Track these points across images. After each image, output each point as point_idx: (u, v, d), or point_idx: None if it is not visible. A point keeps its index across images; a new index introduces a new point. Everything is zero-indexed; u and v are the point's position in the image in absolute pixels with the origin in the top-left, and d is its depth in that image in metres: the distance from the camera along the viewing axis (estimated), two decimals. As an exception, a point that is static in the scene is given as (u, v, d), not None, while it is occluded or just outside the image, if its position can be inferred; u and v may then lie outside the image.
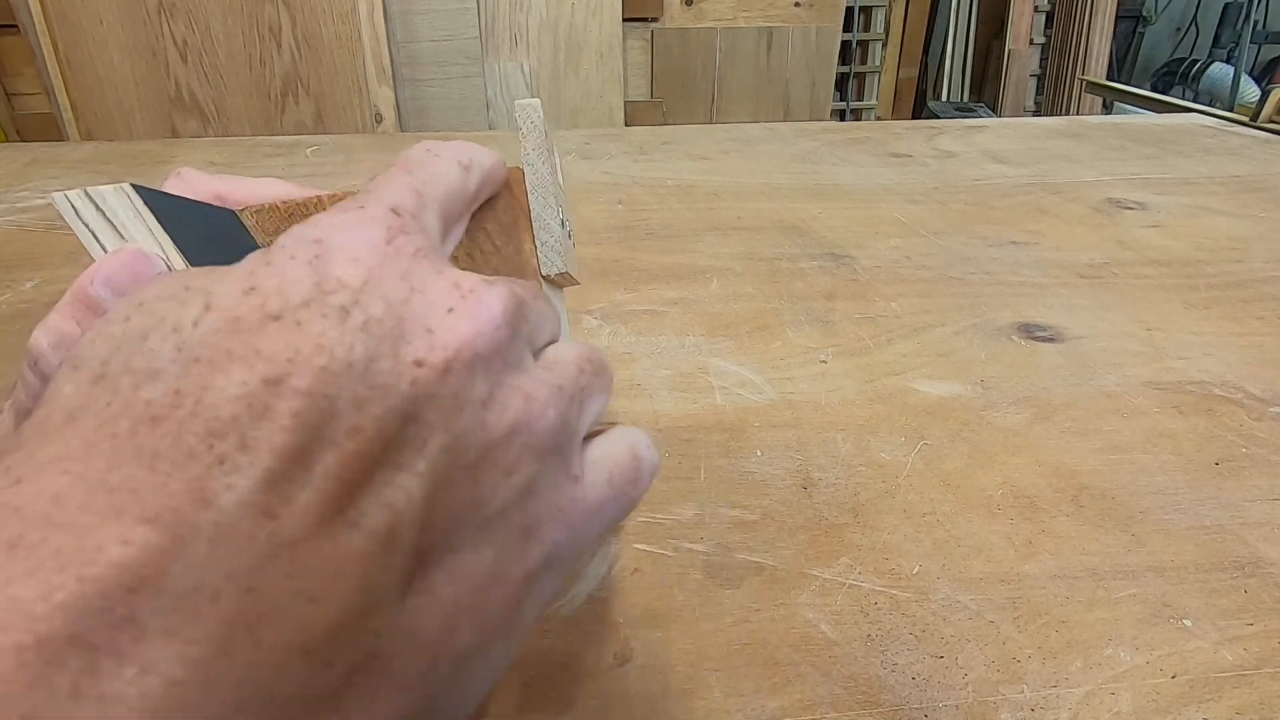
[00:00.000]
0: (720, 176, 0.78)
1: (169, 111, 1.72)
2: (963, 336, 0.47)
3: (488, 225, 0.22)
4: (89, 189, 0.19)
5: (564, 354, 0.18)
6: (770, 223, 0.65)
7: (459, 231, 0.20)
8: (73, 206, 0.19)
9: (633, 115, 2.04)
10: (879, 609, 0.28)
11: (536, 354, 0.18)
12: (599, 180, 0.76)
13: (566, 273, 0.22)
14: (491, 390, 0.15)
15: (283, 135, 1.21)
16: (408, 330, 0.15)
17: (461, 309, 0.15)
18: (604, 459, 0.18)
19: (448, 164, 0.19)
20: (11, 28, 1.66)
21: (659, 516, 0.32)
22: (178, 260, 0.19)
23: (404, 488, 0.14)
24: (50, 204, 0.67)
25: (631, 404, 0.40)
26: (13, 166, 0.78)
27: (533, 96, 1.94)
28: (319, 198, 0.22)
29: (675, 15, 2.00)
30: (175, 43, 1.67)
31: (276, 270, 0.15)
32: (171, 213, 0.20)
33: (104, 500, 0.12)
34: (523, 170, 0.22)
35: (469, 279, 0.16)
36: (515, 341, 0.16)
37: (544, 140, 0.21)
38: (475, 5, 1.80)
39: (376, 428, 0.14)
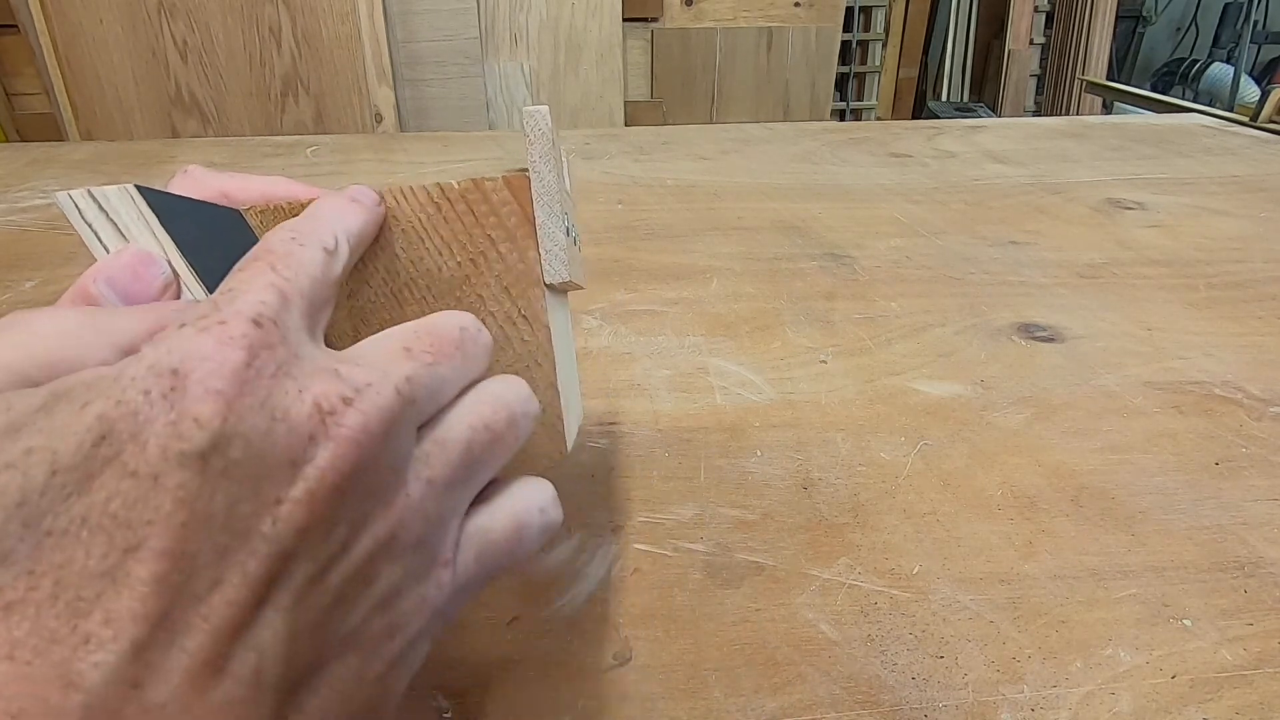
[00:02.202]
0: (720, 176, 0.78)
1: (169, 111, 1.73)
2: (963, 336, 0.47)
3: (492, 233, 0.22)
4: (92, 189, 0.19)
5: (455, 429, 0.18)
6: (770, 223, 0.65)
7: (327, 313, 0.18)
8: (76, 206, 0.19)
9: (633, 115, 2.04)
10: (879, 609, 0.28)
11: (428, 425, 0.17)
12: (599, 180, 0.76)
13: (570, 280, 0.22)
14: (357, 514, 0.15)
15: (283, 135, 1.21)
16: (269, 467, 0.14)
17: (322, 435, 0.15)
18: (478, 534, 0.18)
19: (312, 253, 0.18)
20: (11, 28, 1.66)
21: (659, 516, 0.32)
22: (180, 262, 0.19)
23: (270, 626, 0.14)
24: (51, 204, 0.67)
25: (632, 404, 0.40)
26: (13, 166, 0.78)
27: (532, 96, 1.93)
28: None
29: (675, 15, 2.00)
30: (175, 43, 1.67)
31: (129, 410, 0.13)
32: (175, 214, 0.20)
33: None
34: (528, 178, 0.21)
35: (331, 395, 0.15)
36: (386, 447, 0.16)
37: (551, 147, 0.21)
38: (475, 5, 1.80)
39: (240, 576, 0.14)
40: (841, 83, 2.71)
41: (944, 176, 0.78)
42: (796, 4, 2.05)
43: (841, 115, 2.75)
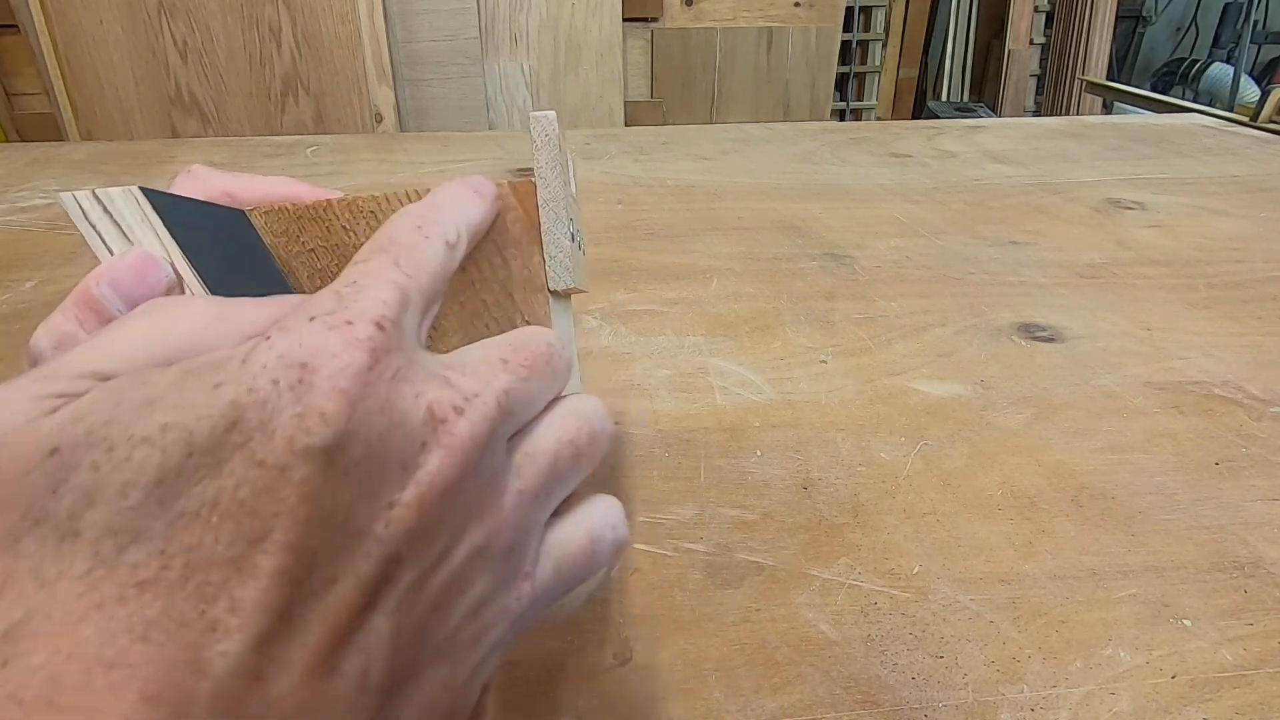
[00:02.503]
0: (720, 176, 0.78)
1: (169, 111, 1.73)
2: (963, 336, 0.47)
3: (496, 238, 0.21)
4: (97, 190, 0.19)
5: (542, 442, 0.18)
6: (770, 223, 0.65)
7: (436, 306, 0.19)
8: (80, 207, 0.19)
9: (633, 115, 2.04)
10: (879, 609, 0.28)
11: (518, 437, 0.18)
12: (599, 180, 0.76)
13: (574, 286, 0.22)
14: (458, 521, 0.16)
15: (283, 135, 1.21)
16: (385, 470, 0.14)
17: (434, 442, 0.15)
18: (557, 547, 0.18)
19: (435, 247, 0.18)
20: (11, 28, 1.66)
21: (659, 516, 0.32)
22: (183, 265, 0.19)
23: (375, 630, 0.14)
24: (51, 204, 0.67)
25: (632, 404, 0.40)
26: (13, 166, 0.78)
27: (532, 96, 1.93)
28: (329, 202, 0.22)
29: (675, 15, 2.00)
30: (175, 43, 1.67)
31: (259, 399, 0.14)
32: (179, 216, 0.20)
33: (102, 678, 0.12)
34: (534, 184, 0.21)
35: (443, 403, 0.15)
36: (486, 457, 0.16)
37: (558, 154, 0.21)
38: (475, 5, 1.79)
39: (353, 576, 0.14)
40: (841, 83, 2.71)
41: (944, 176, 0.78)
42: (796, 4, 2.05)
43: (841, 115, 2.75)
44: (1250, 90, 2.64)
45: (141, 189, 0.19)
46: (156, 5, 1.64)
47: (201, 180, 0.22)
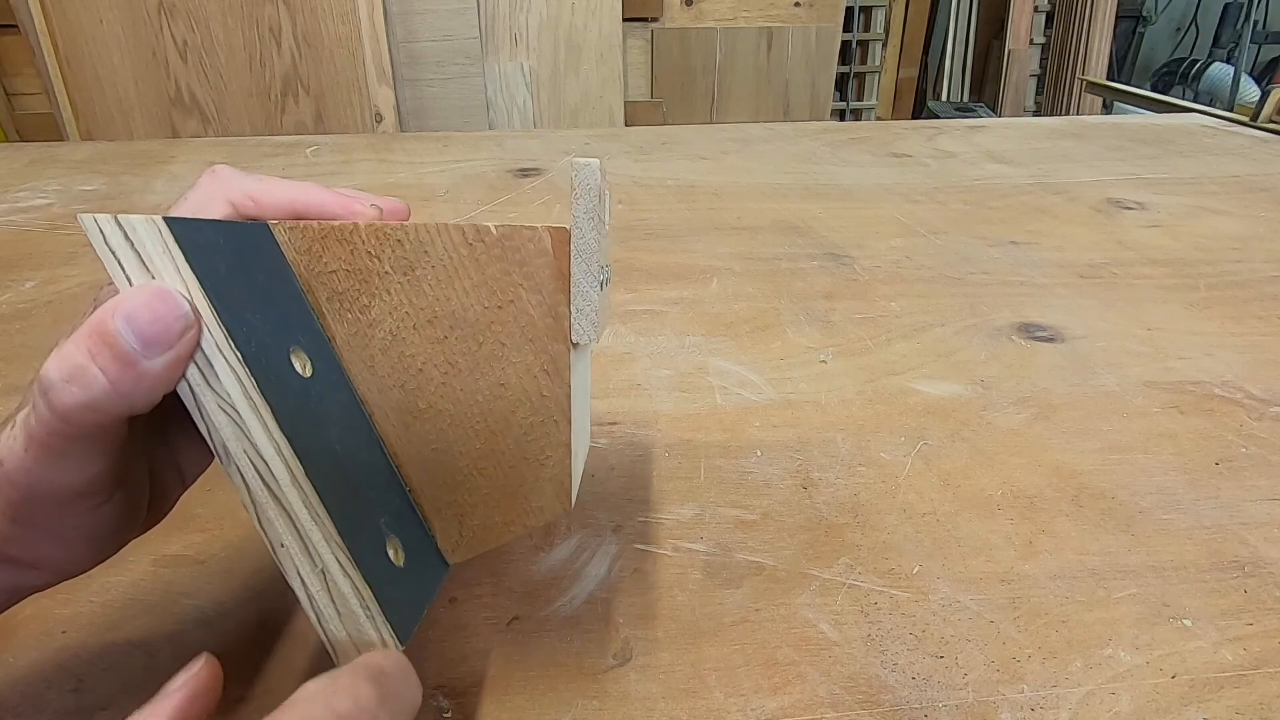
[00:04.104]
0: (720, 176, 0.78)
1: (169, 111, 1.72)
2: (963, 336, 0.47)
3: (523, 283, 0.21)
4: (120, 216, 0.19)
5: None
6: (770, 223, 0.65)
7: None
8: (101, 232, 0.19)
9: (633, 115, 2.04)
10: (879, 609, 0.28)
11: None
12: (599, 180, 0.76)
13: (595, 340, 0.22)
14: None
15: (283, 135, 1.21)
16: None
17: None
18: None
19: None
20: (11, 28, 1.66)
21: (659, 516, 0.32)
22: (202, 301, 0.19)
23: None
24: (51, 204, 0.67)
25: (632, 404, 0.40)
26: (13, 166, 0.78)
27: (532, 96, 1.92)
28: (355, 225, 0.21)
29: (675, 15, 2.00)
30: (175, 43, 1.67)
31: None
32: (200, 246, 0.19)
33: None
34: (569, 233, 0.21)
35: None
36: None
37: (597, 203, 0.21)
38: (475, 5, 1.79)
39: None
40: (841, 83, 2.71)
41: (944, 176, 0.78)
42: (796, 4, 2.05)
43: (841, 115, 2.75)
44: (1250, 90, 2.64)
45: (165, 219, 0.19)
46: (156, 5, 1.64)
47: (225, 181, 0.22)
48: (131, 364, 0.18)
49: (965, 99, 3.04)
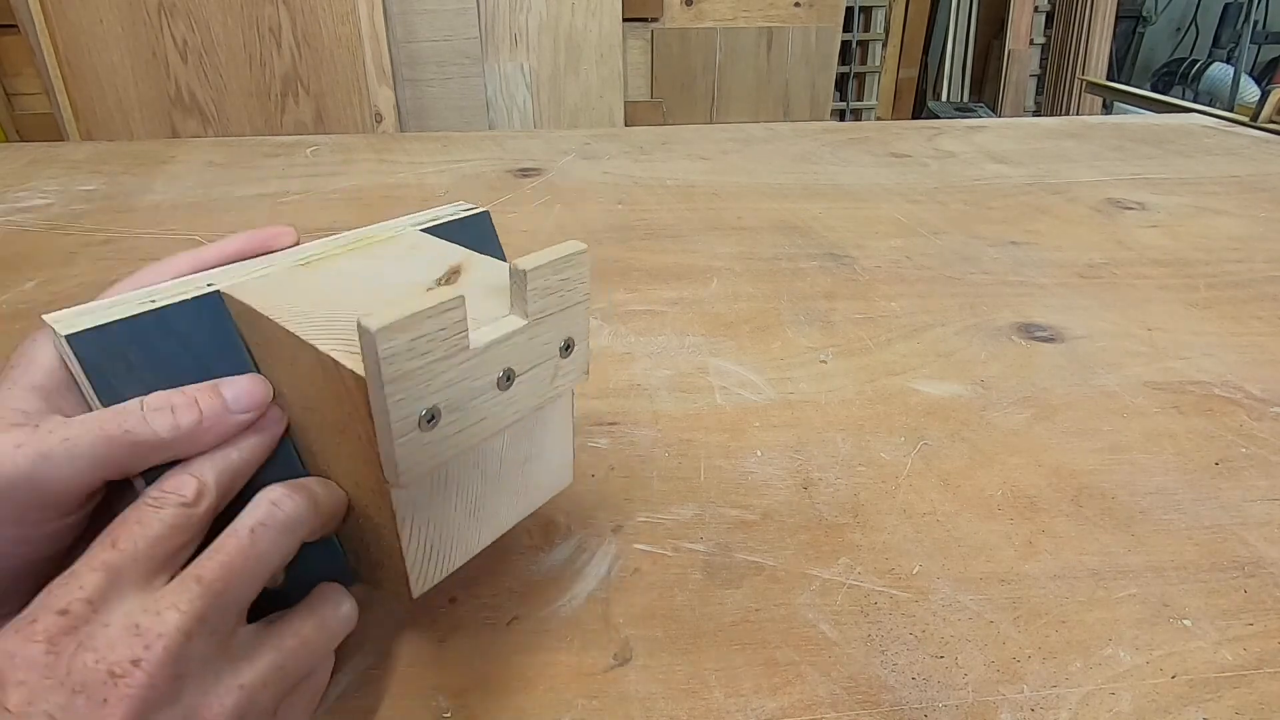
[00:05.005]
0: (720, 176, 0.78)
1: (169, 111, 1.72)
2: (963, 336, 0.47)
3: (353, 416, 0.20)
4: (56, 329, 0.20)
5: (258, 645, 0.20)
6: (770, 223, 0.65)
7: (194, 546, 0.20)
8: (60, 339, 0.21)
9: (633, 115, 2.04)
10: (879, 609, 0.28)
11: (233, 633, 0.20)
12: (599, 180, 0.76)
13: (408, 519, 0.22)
14: None
15: (283, 135, 1.21)
16: None
17: (113, 697, 0.17)
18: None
19: (163, 513, 0.20)
20: (11, 28, 1.66)
21: (659, 516, 0.32)
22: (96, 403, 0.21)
23: None
24: (51, 204, 0.67)
25: (632, 404, 0.40)
26: (13, 166, 0.78)
27: (532, 96, 1.92)
28: (276, 325, 0.22)
29: (675, 15, 2.00)
30: (175, 43, 1.67)
31: None
32: (107, 353, 0.21)
33: None
34: (364, 380, 0.19)
35: (122, 661, 0.17)
36: (176, 685, 0.18)
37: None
38: (475, 5, 1.79)
39: None
40: (841, 83, 2.71)
41: (944, 176, 0.78)
42: (796, 4, 2.05)
43: (841, 115, 2.75)
44: (1250, 90, 2.64)
45: (68, 336, 0.20)
46: (156, 5, 1.64)
47: (168, 265, 0.24)
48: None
49: (965, 99, 3.04)
